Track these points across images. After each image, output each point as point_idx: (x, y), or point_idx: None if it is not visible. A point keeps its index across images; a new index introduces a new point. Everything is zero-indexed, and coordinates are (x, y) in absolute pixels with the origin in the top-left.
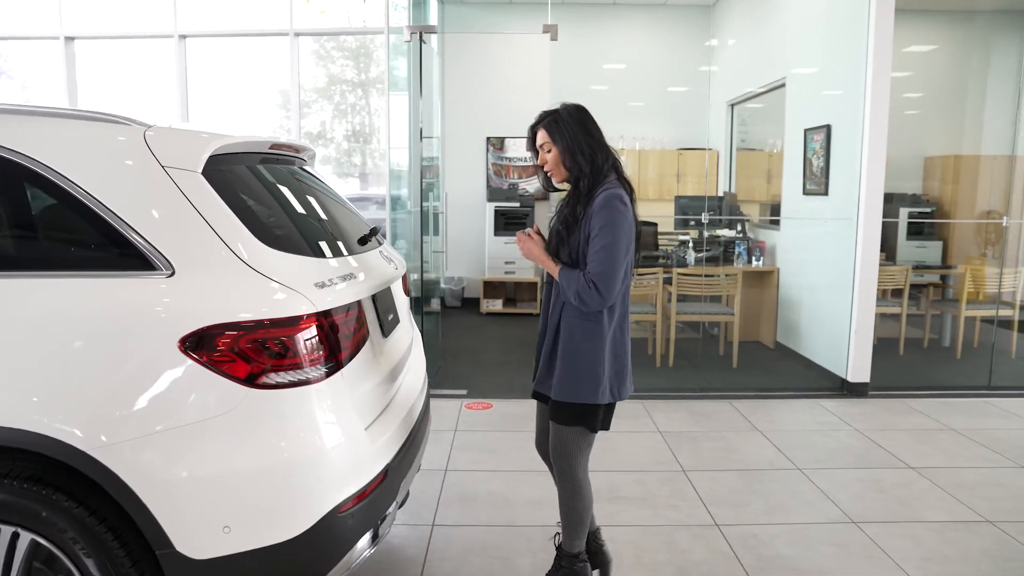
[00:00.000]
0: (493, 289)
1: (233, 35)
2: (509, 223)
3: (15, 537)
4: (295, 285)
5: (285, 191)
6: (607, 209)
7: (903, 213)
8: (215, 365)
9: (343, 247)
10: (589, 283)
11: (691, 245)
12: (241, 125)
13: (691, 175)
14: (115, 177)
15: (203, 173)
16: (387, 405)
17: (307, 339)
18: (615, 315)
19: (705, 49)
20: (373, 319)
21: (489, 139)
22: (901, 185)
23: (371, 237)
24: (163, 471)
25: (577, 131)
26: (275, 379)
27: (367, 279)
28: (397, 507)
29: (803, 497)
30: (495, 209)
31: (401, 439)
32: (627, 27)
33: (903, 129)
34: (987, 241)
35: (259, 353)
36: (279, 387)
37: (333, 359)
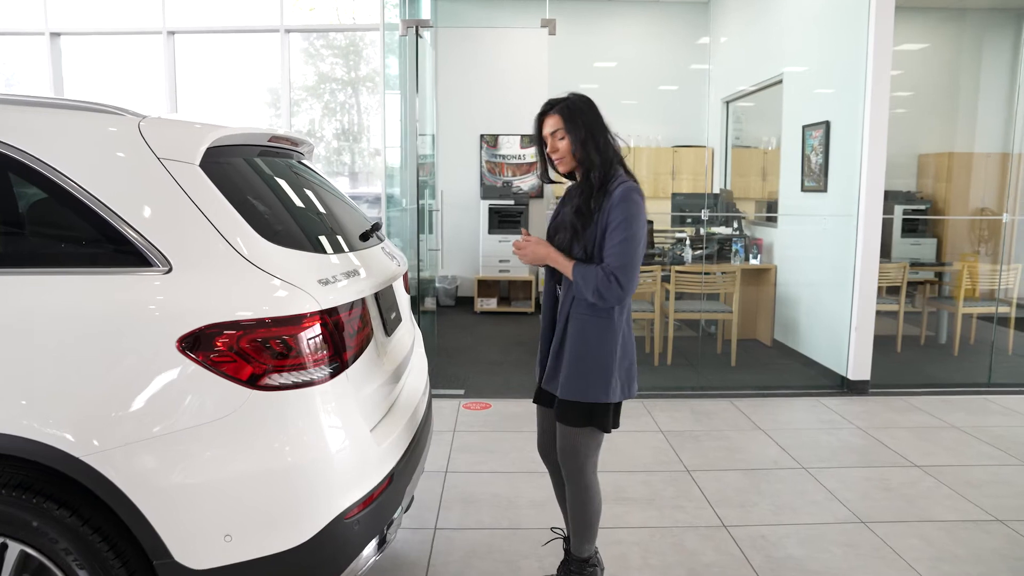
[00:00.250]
0: (487, 288)
1: (223, 31)
2: (503, 221)
3: (3, 548)
4: (298, 282)
5: (284, 185)
6: (627, 203)
7: (898, 210)
8: (215, 366)
9: (344, 243)
10: (609, 277)
11: (688, 243)
12: (232, 123)
13: (686, 172)
14: (108, 169)
15: (200, 165)
16: (391, 406)
17: (311, 338)
18: (625, 311)
19: (700, 46)
20: (376, 317)
21: (483, 136)
22: (895, 183)
23: (372, 233)
24: (160, 477)
25: (591, 121)
26: (278, 380)
27: (370, 276)
28: (403, 512)
29: (810, 497)
30: (489, 207)
31: (406, 441)
32: (621, 24)
33: (897, 126)
34: (980, 239)
35: (261, 353)
36: (282, 388)
37: (338, 359)
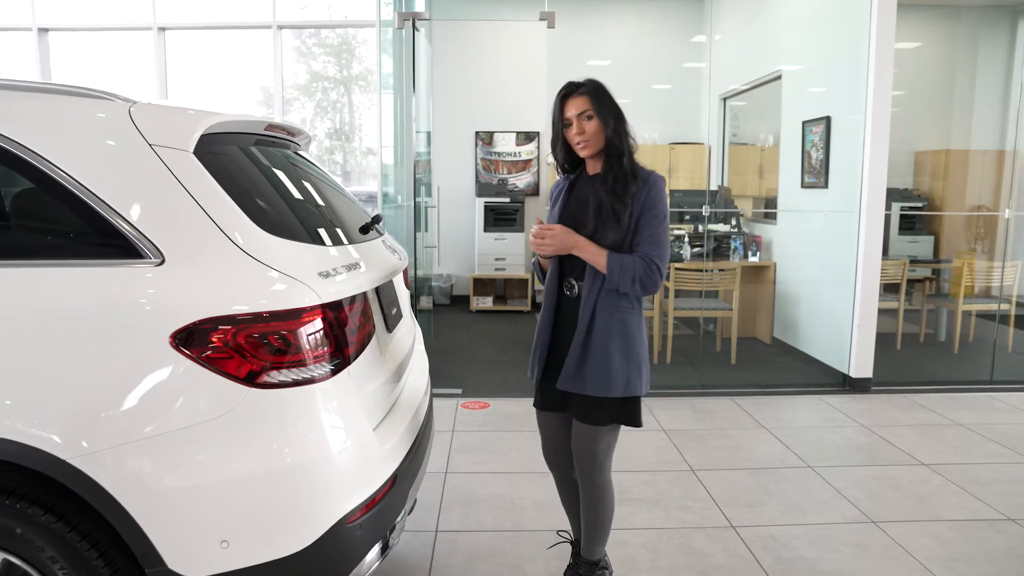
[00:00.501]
0: (483, 286)
1: (214, 27)
2: (499, 219)
3: None
4: (297, 274)
5: (281, 175)
6: (659, 190)
7: (895, 208)
8: (210, 363)
9: (344, 236)
10: (651, 265)
11: (687, 240)
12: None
13: (683, 170)
14: (97, 156)
15: (194, 153)
16: (393, 405)
17: (311, 333)
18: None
19: (697, 42)
20: (377, 313)
21: (478, 133)
22: (892, 180)
23: (373, 226)
24: (153, 480)
25: (616, 107)
26: (277, 378)
27: (371, 269)
28: (406, 515)
29: (818, 496)
30: (485, 204)
31: (409, 442)
32: (618, 20)
33: (893, 124)
34: (977, 236)
35: (259, 349)
36: (281, 386)
37: (339, 355)
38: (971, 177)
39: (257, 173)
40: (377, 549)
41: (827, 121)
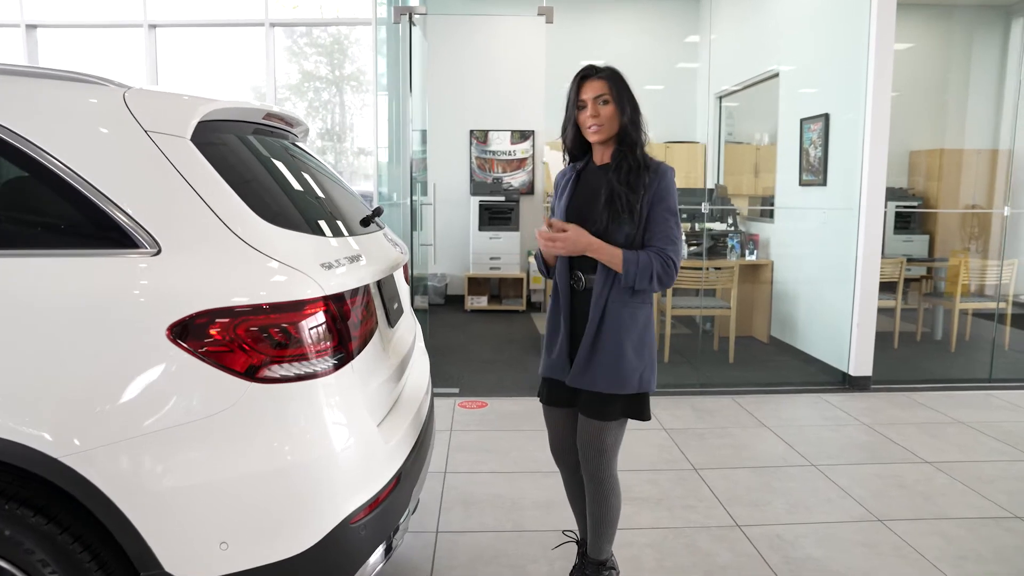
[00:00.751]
0: (478, 286)
1: (206, 25)
2: (494, 218)
3: None
4: (299, 265)
5: (280, 166)
6: (671, 182)
7: (890, 207)
8: (209, 356)
9: (345, 228)
10: (668, 261)
11: (683, 239)
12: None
13: (679, 168)
14: (91, 143)
15: (192, 140)
16: (395, 403)
17: (314, 326)
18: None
19: (693, 40)
20: (379, 307)
21: (473, 132)
22: (887, 179)
23: (373, 219)
24: (149, 479)
25: (632, 96)
26: (278, 372)
27: (374, 262)
28: (409, 516)
29: (823, 495)
30: (480, 203)
31: (412, 440)
32: (615, 18)
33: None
34: (971, 235)
35: (260, 342)
36: (283, 381)
37: (342, 349)
38: (965, 176)
39: (255, 162)
40: (381, 551)
41: (826, 118)
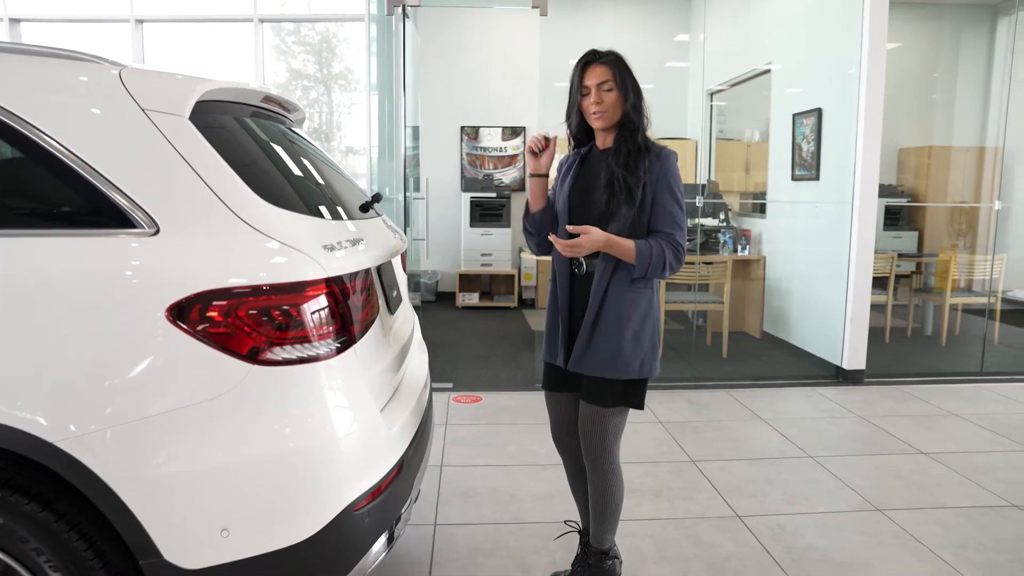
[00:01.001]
0: (469, 282)
1: (194, 20)
2: (485, 214)
3: None
4: (302, 246)
5: (279, 149)
6: (674, 167)
7: (880, 203)
8: (210, 338)
9: (344, 213)
10: (678, 248)
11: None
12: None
13: None
14: (87, 121)
15: (190, 119)
16: (395, 390)
17: (317, 308)
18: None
19: (683, 37)
20: (379, 293)
21: (463, 128)
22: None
23: (372, 205)
24: (148, 465)
25: (635, 81)
26: (280, 355)
27: (374, 247)
28: (411, 506)
29: (821, 485)
30: (471, 199)
31: (413, 428)
32: (606, 15)
33: None
34: (958, 232)
35: (262, 324)
36: (285, 364)
37: (345, 333)
38: (953, 173)
39: (254, 145)
40: (383, 540)
41: (818, 113)
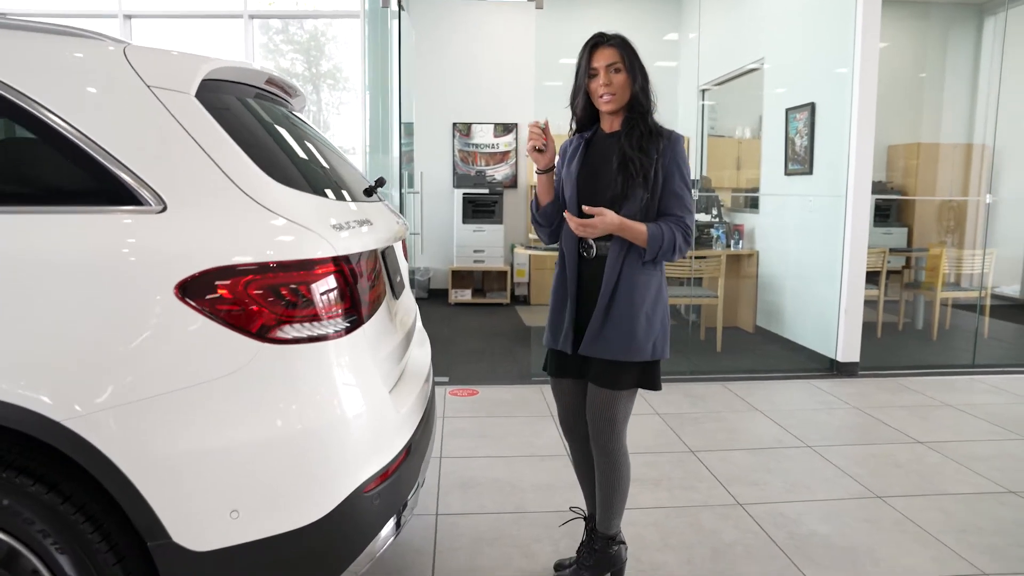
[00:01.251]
0: (461, 279)
1: (183, 16)
2: (477, 211)
3: None
4: (311, 224)
5: (283, 131)
6: (682, 149)
7: (870, 199)
8: (219, 315)
9: (349, 196)
10: (688, 231)
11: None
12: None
13: None
14: (92, 98)
15: (196, 97)
16: (400, 375)
17: (326, 286)
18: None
19: (673, 36)
20: (384, 277)
21: (455, 125)
22: None
23: (376, 189)
24: (157, 444)
25: (642, 64)
26: (291, 333)
27: (380, 231)
28: (417, 493)
29: (821, 474)
30: (463, 196)
31: (420, 413)
32: (592, 12)
33: None
34: (947, 228)
35: (272, 301)
36: (296, 342)
37: (355, 312)
38: (942, 170)
39: (258, 125)
40: (392, 524)
41: (811, 107)
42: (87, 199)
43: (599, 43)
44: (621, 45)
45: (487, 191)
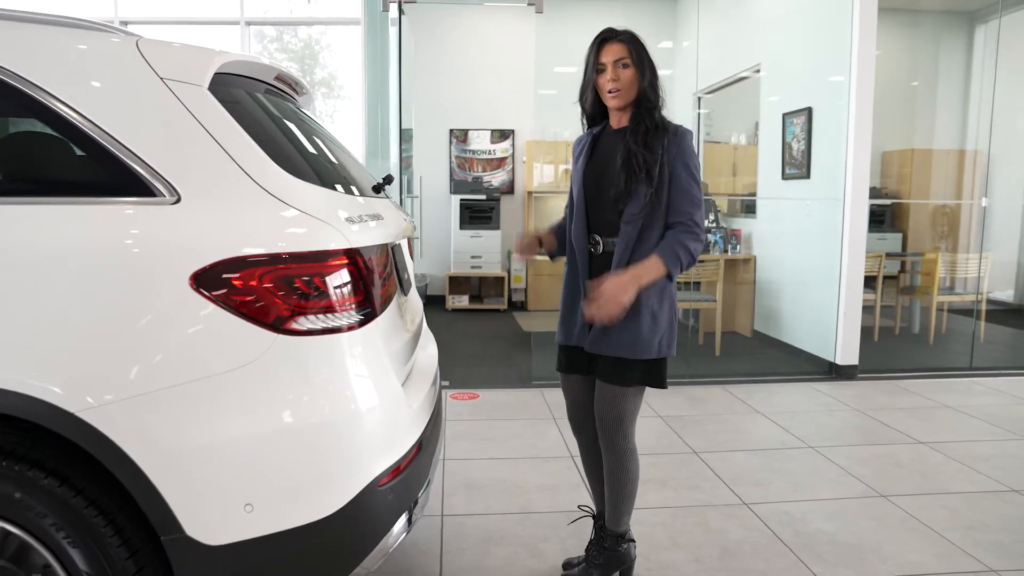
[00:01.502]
0: (459, 285)
1: (179, 23)
2: (475, 216)
3: None
4: (326, 217)
5: (292, 126)
6: (690, 145)
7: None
8: (235, 306)
9: (358, 191)
10: (700, 235)
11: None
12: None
13: None
14: (105, 90)
15: (209, 90)
16: (410, 371)
17: (341, 278)
18: None
19: (668, 42)
20: (395, 272)
21: (452, 131)
22: None
23: (383, 187)
24: (172, 436)
25: (651, 59)
26: (306, 325)
27: (390, 226)
28: (427, 491)
29: (825, 474)
30: (460, 202)
31: (430, 409)
32: (591, 16)
33: None
34: (941, 235)
35: (287, 292)
36: (311, 334)
37: (368, 305)
38: (935, 175)
39: (268, 121)
40: (404, 520)
41: (808, 112)
42: (101, 191)
43: (608, 38)
44: (630, 40)
45: (484, 197)
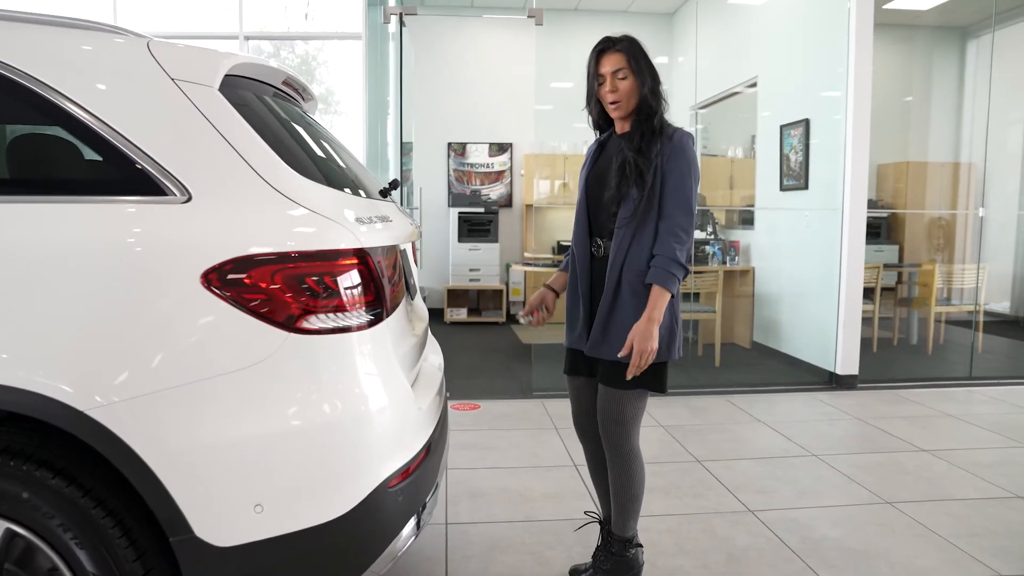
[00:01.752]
0: (457, 298)
1: (178, 38)
2: (473, 229)
3: None
4: (336, 217)
5: (300, 129)
6: (688, 150)
7: None
8: (246, 304)
9: (366, 195)
10: (677, 231)
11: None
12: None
13: None
14: (117, 90)
15: (219, 91)
16: (418, 374)
17: (351, 277)
18: None
19: (664, 58)
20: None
21: (450, 145)
22: None
23: (390, 192)
24: (181, 435)
25: (651, 65)
26: (317, 324)
27: (397, 228)
28: (435, 496)
29: (829, 481)
30: (459, 215)
31: (437, 412)
32: (590, 30)
33: None
34: (936, 247)
35: (298, 291)
36: (322, 333)
37: (378, 305)
38: (930, 188)
39: (277, 123)
40: (412, 524)
41: (806, 123)
42: (113, 190)
43: (605, 48)
44: (627, 49)
45: (482, 210)
